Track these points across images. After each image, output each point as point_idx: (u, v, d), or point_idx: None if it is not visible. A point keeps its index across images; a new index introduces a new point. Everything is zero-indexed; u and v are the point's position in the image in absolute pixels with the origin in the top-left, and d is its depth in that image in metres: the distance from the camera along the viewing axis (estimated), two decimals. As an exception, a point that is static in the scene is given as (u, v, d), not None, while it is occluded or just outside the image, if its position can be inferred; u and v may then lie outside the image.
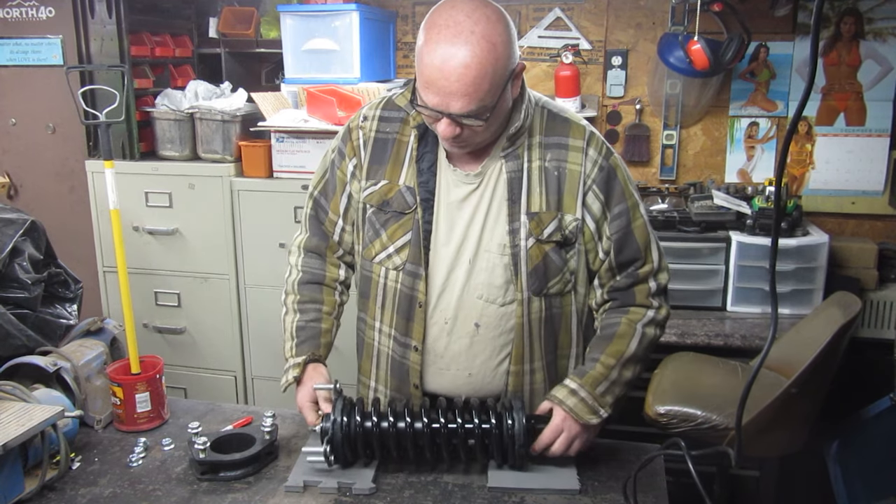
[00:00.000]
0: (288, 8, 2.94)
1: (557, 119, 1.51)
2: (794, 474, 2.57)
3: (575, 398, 1.44)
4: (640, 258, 1.52)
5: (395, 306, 1.54)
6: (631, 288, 1.53)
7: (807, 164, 3.00)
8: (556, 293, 1.52)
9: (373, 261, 1.56)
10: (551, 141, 1.48)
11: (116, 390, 1.63)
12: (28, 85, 3.06)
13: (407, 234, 1.50)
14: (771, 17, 2.88)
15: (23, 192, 3.18)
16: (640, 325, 1.50)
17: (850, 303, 2.20)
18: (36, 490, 1.39)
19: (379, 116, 1.56)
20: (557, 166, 1.47)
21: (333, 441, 1.38)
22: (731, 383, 2.25)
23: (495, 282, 1.49)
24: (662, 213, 2.88)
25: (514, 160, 1.47)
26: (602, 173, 1.48)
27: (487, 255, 1.48)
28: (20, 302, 1.73)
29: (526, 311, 1.49)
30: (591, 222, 1.49)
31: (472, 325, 1.51)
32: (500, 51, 1.30)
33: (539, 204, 1.46)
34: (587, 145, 1.48)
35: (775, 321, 0.89)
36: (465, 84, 1.28)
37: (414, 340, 1.54)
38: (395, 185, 1.51)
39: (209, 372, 3.05)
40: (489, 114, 1.34)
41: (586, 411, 1.43)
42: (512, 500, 1.37)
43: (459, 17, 1.28)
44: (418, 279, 1.50)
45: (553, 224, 1.47)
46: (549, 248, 1.47)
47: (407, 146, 1.52)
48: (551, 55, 3.10)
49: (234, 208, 2.87)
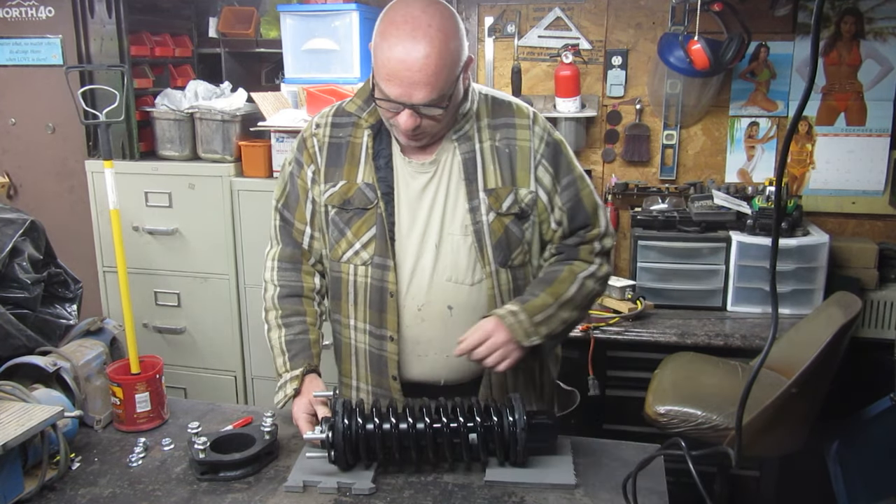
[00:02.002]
0: (288, 8, 2.94)
1: (502, 104, 1.61)
2: (794, 474, 2.57)
3: (513, 318, 1.49)
4: (590, 223, 1.63)
5: (367, 301, 1.59)
6: (577, 246, 1.63)
7: (807, 164, 3.00)
8: (518, 265, 1.60)
9: (340, 260, 1.61)
10: (499, 122, 1.58)
11: (116, 390, 1.63)
12: (28, 85, 3.06)
13: (371, 228, 1.56)
14: (771, 17, 2.88)
15: (23, 192, 3.18)
16: (581, 275, 1.59)
17: (850, 303, 2.20)
18: (35, 490, 1.38)
19: (331, 123, 1.63)
20: (508, 144, 1.57)
21: (335, 444, 1.38)
22: (731, 383, 2.25)
23: (462, 263, 1.55)
24: (662, 213, 2.88)
25: (467, 142, 1.56)
26: (549, 148, 1.59)
27: (451, 238, 1.55)
28: (20, 302, 1.73)
29: (496, 284, 1.57)
30: (543, 194, 1.59)
31: (445, 307, 1.56)
32: (454, 43, 1.41)
33: (494, 180, 1.55)
34: (533, 123, 1.59)
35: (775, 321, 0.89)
36: (428, 74, 1.37)
37: (389, 331, 1.58)
38: (354, 184, 1.58)
39: (209, 372, 3.05)
40: (447, 102, 1.44)
41: (521, 333, 1.49)
42: (512, 500, 1.37)
43: (415, 12, 1.38)
44: (387, 270, 1.55)
45: (510, 198, 1.55)
46: (508, 221, 1.56)
47: (361, 146, 1.59)
48: (551, 55, 3.10)
49: (234, 208, 2.87)
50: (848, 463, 2.43)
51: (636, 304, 2.70)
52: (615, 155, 3.13)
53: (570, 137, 3.06)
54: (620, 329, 2.61)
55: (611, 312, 2.70)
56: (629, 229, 3.01)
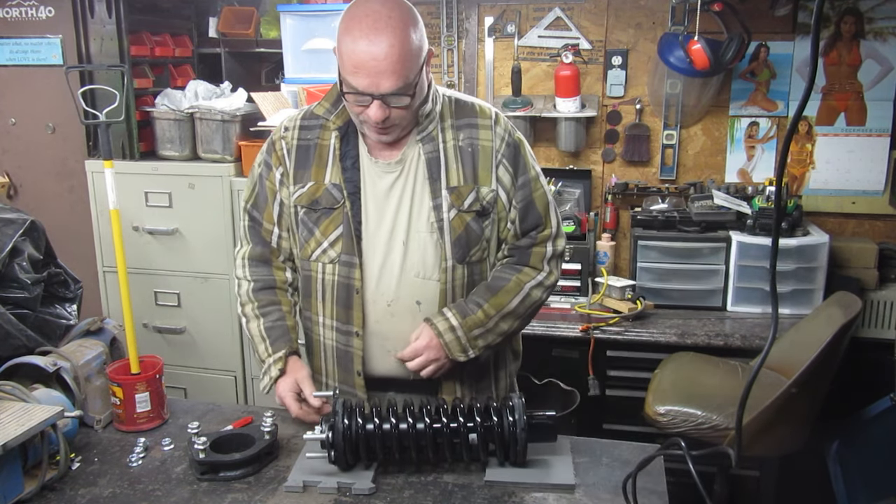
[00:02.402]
0: (288, 8, 2.94)
1: (465, 105, 1.66)
2: (794, 474, 2.57)
3: (452, 335, 1.56)
4: (542, 224, 1.67)
5: (334, 297, 1.64)
6: (529, 248, 1.67)
7: (807, 164, 3.00)
8: (476, 261, 1.65)
9: (310, 259, 1.65)
10: (462, 123, 1.63)
11: (116, 390, 1.63)
12: (28, 85, 3.06)
13: (338, 227, 1.60)
14: (771, 17, 2.88)
15: (23, 192, 3.18)
16: (527, 286, 1.64)
17: (850, 303, 2.20)
18: (35, 490, 1.38)
19: (299, 126, 1.67)
20: (471, 144, 1.62)
21: (335, 444, 1.38)
22: (731, 383, 2.25)
23: (429, 259, 1.60)
24: (662, 213, 2.88)
25: (431, 142, 1.60)
26: (510, 149, 1.63)
27: (418, 236, 1.60)
28: (20, 302, 1.72)
29: (449, 279, 1.61)
30: (503, 193, 1.63)
31: (413, 303, 1.61)
32: (415, 34, 1.47)
33: (457, 179, 1.60)
34: (495, 124, 1.64)
35: (776, 321, 0.89)
36: (393, 61, 1.42)
37: (355, 327, 1.62)
38: (322, 185, 1.62)
39: (209, 372, 3.05)
40: (413, 91, 1.48)
41: (458, 349, 1.57)
42: (512, 500, 1.37)
43: (375, 6, 1.44)
44: (353, 268, 1.60)
45: (471, 196, 1.60)
46: (469, 219, 1.60)
47: (329, 148, 1.63)
48: (551, 55, 3.10)
49: (234, 208, 2.87)
50: (848, 463, 2.43)
51: (636, 304, 2.70)
52: (615, 155, 3.13)
53: (570, 137, 3.06)
54: (620, 329, 2.61)
55: (611, 312, 2.70)
56: (629, 229, 3.01)
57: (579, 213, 2.94)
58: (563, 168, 3.16)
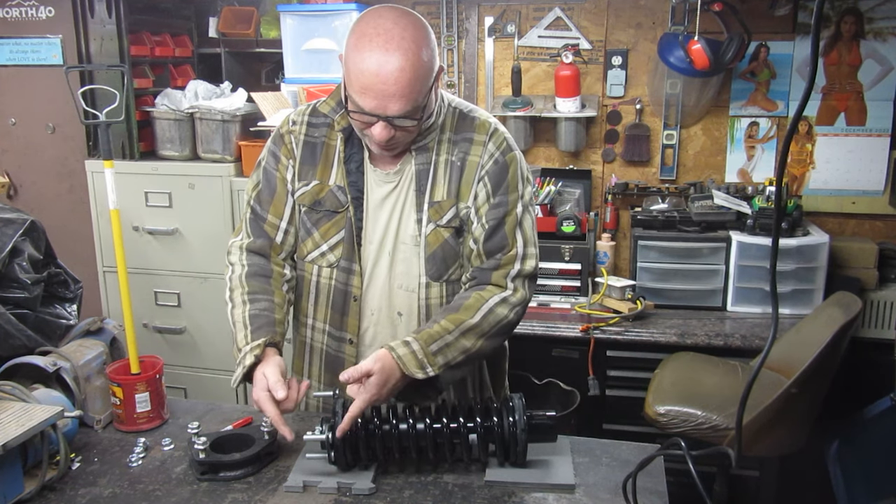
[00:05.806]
0: (288, 8, 2.94)
1: (467, 118, 1.60)
2: (794, 474, 2.57)
3: (406, 349, 1.42)
4: (507, 247, 1.57)
5: (329, 302, 1.61)
6: (492, 271, 1.57)
7: (807, 164, 3.00)
8: (456, 279, 1.61)
9: (304, 259, 1.63)
10: (459, 137, 1.58)
11: (116, 390, 1.63)
12: (28, 85, 3.06)
13: (340, 231, 1.58)
14: (771, 17, 2.88)
15: (22, 192, 3.18)
16: (490, 301, 1.53)
17: (850, 303, 2.20)
18: (35, 490, 1.38)
19: (307, 122, 1.63)
20: (461, 159, 1.57)
21: (335, 445, 1.38)
22: (731, 383, 2.25)
23: (412, 272, 1.58)
24: (662, 213, 2.89)
25: (424, 153, 1.56)
26: (496, 166, 1.56)
27: (404, 248, 1.58)
28: (20, 302, 1.72)
29: (424, 296, 1.58)
30: (473, 209, 1.57)
31: (395, 313, 1.60)
32: (427, 54, 1.40)
33: (441, 193, 1.56)
34: (488, 140, 1.57)
35: (776, 321, 0.89)
36: (402, 86, 1.36)
37: (349, 334, 1.61)
38: (326, 186, 1.59)
39: (209, 372, 3.05)
40: (421, 113, 1.44)
41: (414, 364, 1.41)
42: (512, 500, 1.37)
43: (387, 24, 1.37)
44: (352, 275, 1.58)
45: (451, 211, 1.56)
46: (447, 235, 1.56)
47: (334, 149, 1.60)
48: (551, 55, 3.10)
49: (234, 208, 2.87)
50: (848, 463, 2.43)
51: (636, 304, 2.70)
52: (615, 155, 3.13)
53: (571, 137, 3.06)
54: (620, 329, 2.61)
55: (611, 312, 2.70)
56: (629, 229, 3.01)
57: (579, 213, 2.94)
58: (563, 168, 3.16)
